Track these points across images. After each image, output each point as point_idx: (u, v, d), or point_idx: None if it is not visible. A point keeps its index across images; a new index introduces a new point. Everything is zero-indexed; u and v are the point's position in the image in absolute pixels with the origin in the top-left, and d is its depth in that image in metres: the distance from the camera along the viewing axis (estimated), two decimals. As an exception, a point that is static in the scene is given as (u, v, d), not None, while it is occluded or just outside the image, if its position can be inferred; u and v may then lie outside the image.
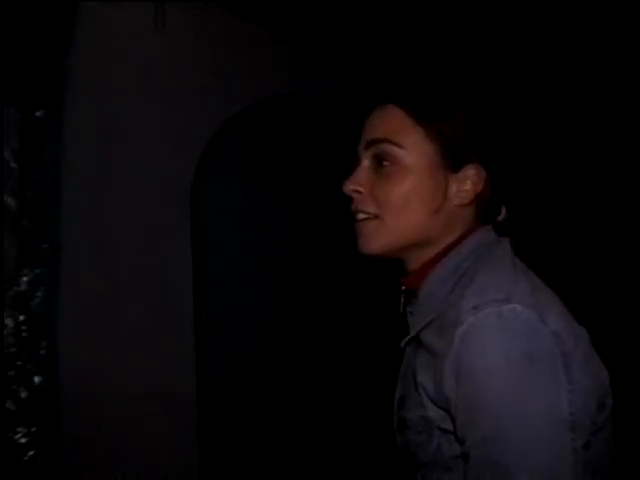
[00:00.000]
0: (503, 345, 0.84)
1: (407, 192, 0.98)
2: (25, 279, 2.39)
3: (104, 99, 2.59)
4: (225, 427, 2.93)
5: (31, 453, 2.34)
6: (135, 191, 2.66)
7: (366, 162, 1.02)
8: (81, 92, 2.53)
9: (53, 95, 2.47)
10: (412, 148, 0.98)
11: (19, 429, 2.35)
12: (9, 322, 2.35)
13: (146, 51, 2.73)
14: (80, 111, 2.53)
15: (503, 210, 1.09)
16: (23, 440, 2.34)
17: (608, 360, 0.99)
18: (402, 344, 1.06)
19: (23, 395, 2.37)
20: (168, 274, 2.70)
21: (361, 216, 1.02)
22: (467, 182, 0.99)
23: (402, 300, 1.12)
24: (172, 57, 2.77)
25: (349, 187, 1.02)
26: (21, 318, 2.38)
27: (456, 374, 0.86)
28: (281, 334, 3.15)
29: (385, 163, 0.99)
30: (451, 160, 0.98)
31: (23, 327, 2.38)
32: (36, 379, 2.40)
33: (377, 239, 1.01)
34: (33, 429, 2.36)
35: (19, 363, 2.37)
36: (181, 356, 2.68)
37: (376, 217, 1.00)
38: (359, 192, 1.02)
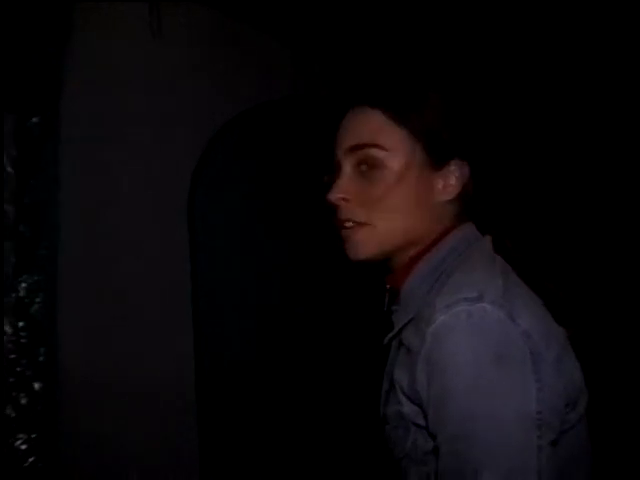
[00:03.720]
0: (472, 345, 0.85)
1: (395, 195, 0.98)
2: (24, 285, 2.39)
3: (100, 105, 2.60)
4: (225, 430, 2.92)
5: (31, 459, 2.34)
6: (133, 196, 2.66)
7: (348, 168, 1.02)
8: (77, 98, 2.55)
9: (50, 101, 2.48)
10: (396, 150, 0.98)
11: (19, 435, 2.35)
12: (8, 329, 2.36)
13: (143, 56, 2.74)
14: (77, 117, 2.54)
15: (486, 206, 1.08)
16: (23, 447, 2.35)
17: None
18: (385, 341, 1.07)
19: (23, 401, 2.38)
20: (167, 279, 2.70)
21: (350, 224, 1.01)
22: (452, 178, 1.00)
23: (387, 298, 1.12)
24: (168, 62, 2.78)
25: (335, 196, 1.02)
26: (20, 324, 2.38)
27: (427, 372, 0.87)
28: (278, 336, 3.14)
29: (369, 167, 0.99)
30: (434, 157, 0.99)
31: (22, 333, 2.38)
32: (36, 385, 2.40)
33: (369, 245, 1.00)
34: (33, 435, 2.36)
35: (18, 369, 2.38)
36: (180, 360, 2.68)
37: (366, 224, 1.00)
38: (346, 200, 1.01)
